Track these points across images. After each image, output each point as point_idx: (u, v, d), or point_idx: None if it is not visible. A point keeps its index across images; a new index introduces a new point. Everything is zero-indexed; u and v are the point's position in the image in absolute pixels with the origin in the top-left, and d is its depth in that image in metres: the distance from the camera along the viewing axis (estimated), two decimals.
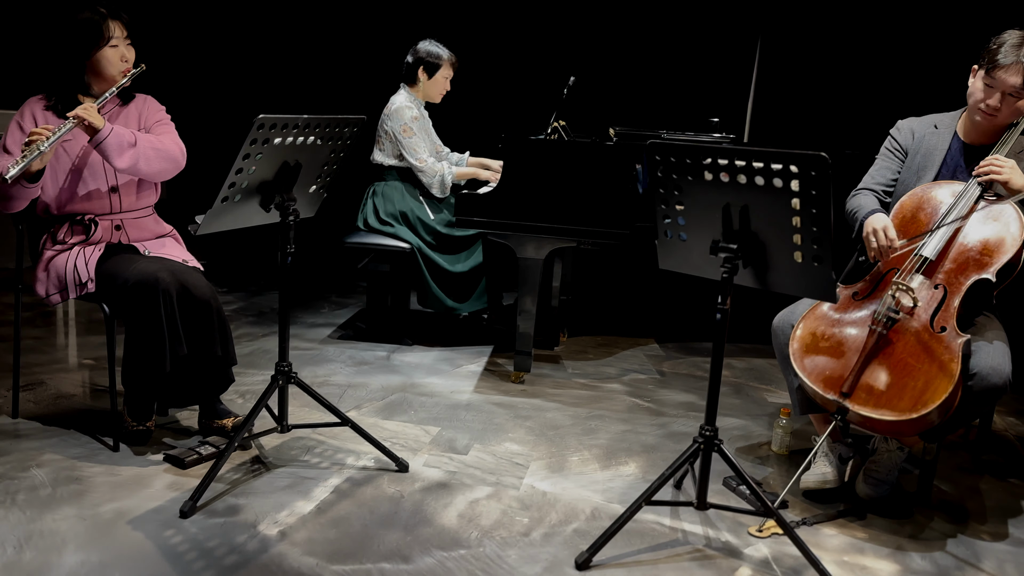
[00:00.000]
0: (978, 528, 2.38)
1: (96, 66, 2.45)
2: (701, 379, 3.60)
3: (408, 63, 3.69)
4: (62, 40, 2.43)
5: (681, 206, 2.09)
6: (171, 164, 2.49)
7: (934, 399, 2.14)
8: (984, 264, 2.29)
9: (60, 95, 2.46)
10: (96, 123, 2.32)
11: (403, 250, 3.63)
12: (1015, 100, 2.32)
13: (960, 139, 2.51)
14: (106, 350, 3.04)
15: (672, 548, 2.14)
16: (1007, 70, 2.29)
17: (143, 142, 2.41)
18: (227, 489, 2.29)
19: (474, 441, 2.74)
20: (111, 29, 2.43)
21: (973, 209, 2.35)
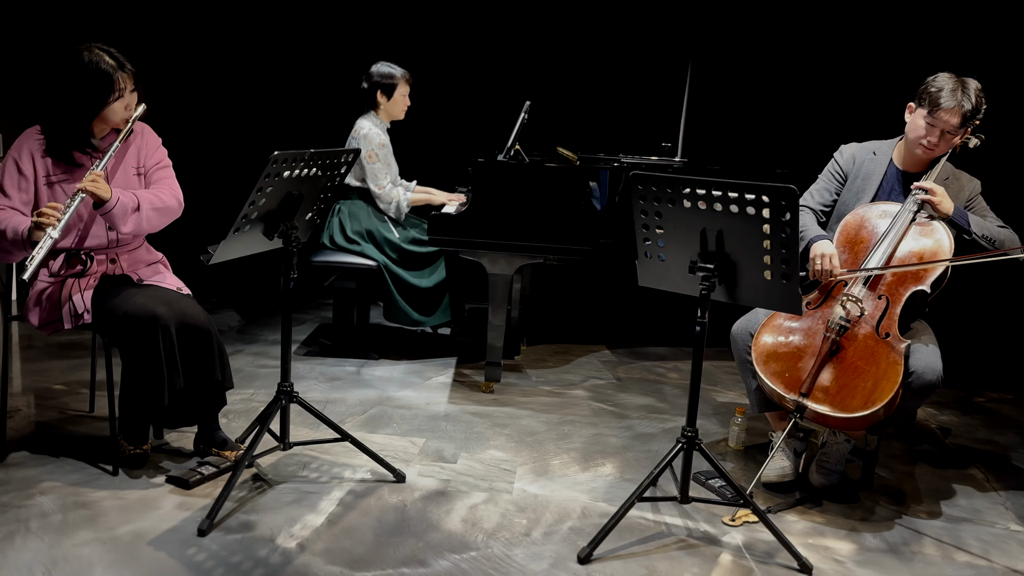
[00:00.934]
0: (916, 508, 2.68)
1: (101, 115, 2.45)
2: (654, 383, 3.85)
3: (364, 89, 3.81)
4: (70, 89, 2.39)
5: (661, 230, 2.30)
6: (170, 218, 2.56)
7: (882, 397, 2.43)
8: (921, 277, 2.60)
9: (61, 141, 2.45)
10: (103, 195, 2.35)
11: (369, 267, 3.75)
12: (952, 137, 2.65)
13: (896, 166, 2.82)
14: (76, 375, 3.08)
15: (659, 540, 2.36)
16: (949, 112, 2.60)
17: (145, 204, 2.46)
18: (236, 507, 2.38)
19: (460, 450, 2.90)
20: (121, 83, 2.43)
21: (908, 228, 2.66)
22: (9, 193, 2.43)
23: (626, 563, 2.22)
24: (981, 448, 3.28)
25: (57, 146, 2.45)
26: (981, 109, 2.62)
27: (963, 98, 2.58)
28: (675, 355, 4.36)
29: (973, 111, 2.60)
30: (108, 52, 2.43)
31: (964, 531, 2.54)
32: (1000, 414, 3.72)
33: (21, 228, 2.35)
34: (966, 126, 2.63)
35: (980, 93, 2.62)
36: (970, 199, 2.77)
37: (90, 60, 2.39)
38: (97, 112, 2.43)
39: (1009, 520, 2.64)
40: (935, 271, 2.60)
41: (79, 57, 2.40)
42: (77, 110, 2.42)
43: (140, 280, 2.61)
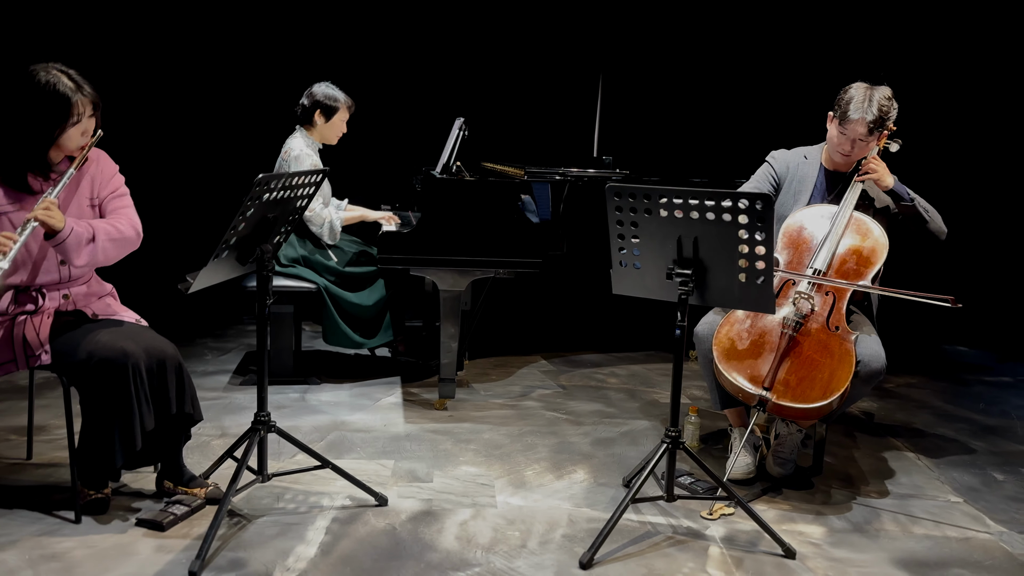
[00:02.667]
0: (867, 489, 2.88)
1: (57, 142, 2.29)
2: (598, 388, 3.95)
3: (304, 105, 3.73)
4: (24, 112, 2.23)
5: (636, 239, 2.39)
6: (127, 248, 2.42)
7: (839, 387, 2.60)
8: (861, 273, 2.80)
9: (13, 168, 2.29)
10: (56, 225, 2.20)
11: (308, 290, 3.67)
12: (864, 143, 2.87)
13: (824, 167, 3.04)
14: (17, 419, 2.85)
15: (648, 539, 2.43)
16: (856, 123, 2.82)
17: (100, 235, 2.31)
18: (220, 545, 2.28)
19: (433, 469, 2.89)
20: (79, 107, 2.27)
21: (847, 227, 2.86)
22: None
23: (625, 564, 2.28)
24: (903, 429, 3.55)
25: (9, 173, 2.28)
26: (890, 116, 2.85)
27: (867, 109, 2.80)
28: (608, 361, 4.48)
29: (879, 120, 2.82)
30: (66, 73, 2.28)
31: (913, 506, 2.75)
32: (911, 397, 4.03)
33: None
34: (875, 133, 2.85)
35: (889, 100, 2.85)
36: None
37: (47, 81, 2.24)
38: (54, 137, 2.27)
39: (948, 493, 2.88)
40: (873, 267, 2.81)
41: (35, 77, 2.24)
42: (31, 135, 2.26)
43: (95, 315, 2.46)
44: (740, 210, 2.20)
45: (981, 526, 2.62)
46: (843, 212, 2.87)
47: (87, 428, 2.34)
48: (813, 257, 2.83)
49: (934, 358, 4.78)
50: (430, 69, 5.43)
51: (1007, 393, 4.14)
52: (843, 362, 2.64)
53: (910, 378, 4.34)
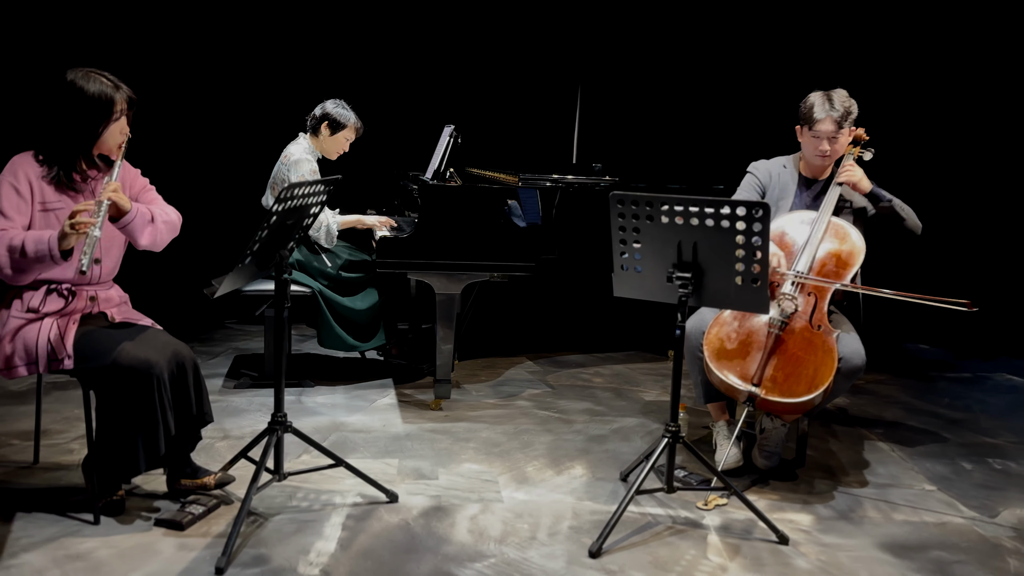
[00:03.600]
0: (847, 479, 3.05)
1: (100, 138, 2.40)
2: (584, 387, 4.08)
3: (315, 116, 3.81)
4: (71, 111, 2.36)
5: (638, 244, 2.52)
6: (174, 232, 2.55)
7: (823, 382, 2.76)
8: (840, 275, 2.97)
9: (63, 164, 2.38)
10: (125, 205, 2.32)
11: (303, 294, 3.73)
12: (839, 139, 3.05)
13: (801, 175, 3.21)
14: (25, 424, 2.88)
15: (650, 529, 2.56)
16: (822, 123, 3.01)
17: (157, 217, 2.44)
18: (241, 543, 2.35)
19: (437, 467, 2.98)
20: (119, 103, 2.40)
21: (826, 231, 3.02)
22: (10, 215, 2.33)
23: (631, 553, 2.40)
24: (876, 423, 3.74)
25: (59, 171, 2.39)
26: (853, 110, 3.04)
27: (831, 108, 3.00)
28: (591, 361, 4.61)
29: (844, 114, 3.01)
30: (103, 75, 2.42)
31: (892, 495, 2.92)
32: (879, 394, 4.23)
33: (46, 237, 2.24)
34: (845, 127, 3.03)
35: (847, 98, 3.04)
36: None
37: (89, 82, 2.37)
38: (99, 133, 2.39)
39: (923, 482, 3.06)
40: (852, 269, 2.97)
41: (77, 80, 2.36)
42: (78, 133, 2.38)
43: (114, 318, 2.51)
44: (738, 217, 2.34)
45: (955, 512, 2.80)
46: (822, 217, 3.03)
47: (106, 433, 2.38)
48: (796, 260, 2.99)
49: (898, 356, 5.01)
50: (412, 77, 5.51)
51: (968, 388, 4.37)
52: (826, 358, 2.79)
53: (878, 375, 4.55)
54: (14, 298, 2.41)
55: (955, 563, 2.44)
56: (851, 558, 2.44)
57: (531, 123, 5.55)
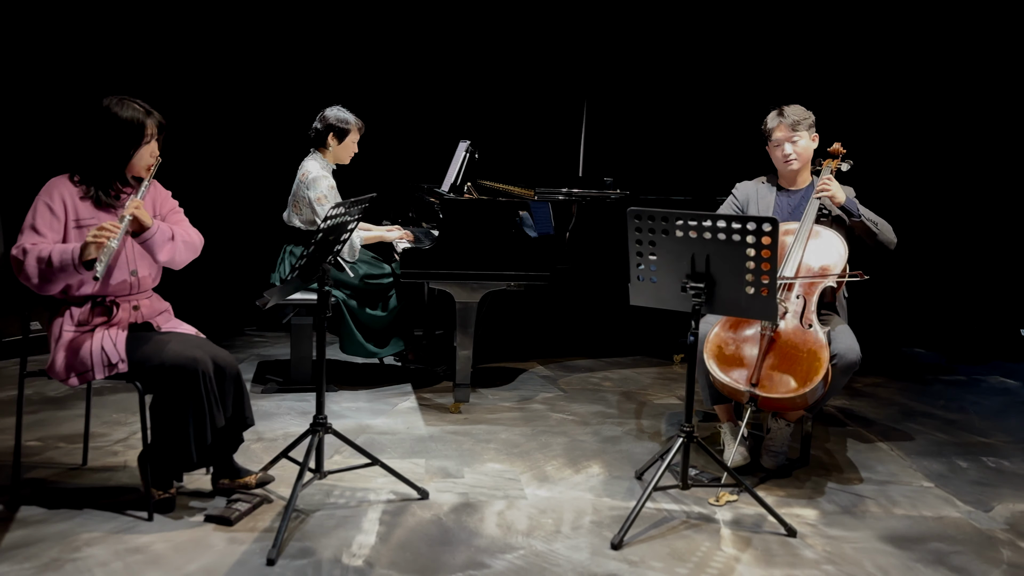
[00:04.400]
0: (849, 477, 3.23)
1: (131, 161, 2.59)
2: (595, 391, 4.25)
3: (317, 129, 3.96)
4: (104, 135, 2.54)
5: (654, 256, 2.70)
6: (194, 253, 2.70)
7: (817, 375, 2.92)
8: (825, 276, 3.15)
9: (99, 185, 2.56)
10: (146, 222, 2.49)
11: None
12: (796, 141, 3.29)
13: (780, 186, 3.42)
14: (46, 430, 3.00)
15: (666, 524, 2.73)
16: (776, 130, 3.31)
17: (178, 236, 2.61)
18: (286, 537, 2.52)
19: (462, 466, 3.15)
20: (150, 128, 2.58)
21: (808, 239, 3.20)
22: (43, 232, 2.49)
23: (650, 545, 2.58)
24: (875, 424, 3.92)
25: (94, 191, 2.56)
26: (806, 116, 3.30)
27: (781, 117, 3.29)
28: (600, 366, 4.79)
29: (796, 120, 3.28)
30: (136, 101, 2.60)
31: (891, 491, 3.10)
32: (877, 396, 4.41)
33: (70, 249, 2.41)
34: (800, 130, 3.28)
35: (800, 108, 3.32)
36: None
37: (122, 109, 2.56)
38: (131, 155, 2.57)
39: (920, 479, 3.24)
40: (837, 269, 3.15)
41: (111, 107, 2.55)
42: (111, 156, 2.56)
43: (159, 327, 2.68)
44: (748, 231, 2.52)
45: (952, 507, 2.98)
46: (804, 226, 3.22)
47: (160, 428, 2.55)
48: (782, 267, 3.17)
49: (895, 360, 5.19)
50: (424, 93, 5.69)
51: (962, 390, 4.55)
52: (818, 353, 2.96)
53: (876, 378, 4.73)
54: (65, 313, 2.58)
55: (952, 553, 2.61)
56: (855, 549, 2.61)
57: (539, 137, 5.73)
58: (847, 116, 5.29)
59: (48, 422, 3.49)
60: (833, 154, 3.38)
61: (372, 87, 5.58)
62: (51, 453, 3.14)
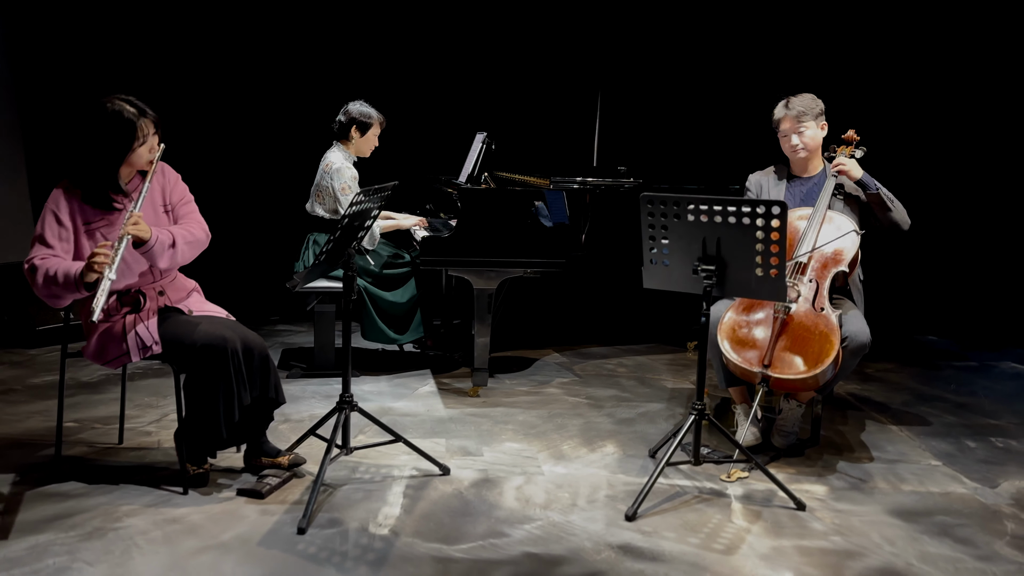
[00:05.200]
0: (859, 456, 3.31)
1: (128, 160, 2.63)
2: (610, 376, 4.35)
3: (341, 122, 4.09)
4: (96, 138, 2.57)
5: (666, 240, 2.79)
6: (200, 249, 2.77)
7: (827, 357, 3.01)
8: (838, 261, 3.23)
9: (93, 187, 2.61)
10: (144, 236, 2.54)
11: None
12: (802, 132, 3.37)
13: (791, 174, 3.50)
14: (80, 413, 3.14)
15: (679, 498, 2.83)
16: (783, 121, 3.39)
17: (179, 239, 2.65)
18: (315, 508, 2.64)
19: (481, 445, 3.26)
20: (144, 128, 2.61)
21: (823, 223, 3.28)
22: (51, 243, 2.56)
23: (663, 517, 2.68)
24: (885, 407, 3.99)
25: (91, 194, 2.61)
26: (813, 106, 3.36)
27: (788, 107, 3.37)
28: (614, 353, 4.88)
29: (804, 109, 3.34)
30: (129, 101, 2.62)
31: (900, 469, 3.18)
32: (888, 381, 4.48)
33: (73, 271, 2.48)
34: (806, 120, 3.34)
35: (809, 97, 3.37)
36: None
37: (113, 110, 2.58)
38: (123, 158, 2.61)
39: (929, 458, 3.32)
40: (850, 253, 3.23)
41: (103, 109, 2.58)
42: (104, 158, 2.59)
43: (190, 311, 2.81)
44: (758, 215, 2.61)
45: (958, 484, 3.06)
46: (818, 211, 3.30)
47: (193, 405, 2.67)
48: (796, 250, 3.25)
49: (908, 346, 5.25)
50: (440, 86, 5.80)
51: (974, 376, 4.61)
52: (829, 336, 3.05)
53: (888, 364, 4.80)
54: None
55: (957, 526, 2.70)
56: (863, 522, 2.70)
57: (553, 128, 5.82)
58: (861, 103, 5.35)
59: (83, 405, 3.63)
60: (847, 141, 3.45)
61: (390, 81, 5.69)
62: (88, 433, 3.28)
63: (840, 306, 3.27)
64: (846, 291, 3.42)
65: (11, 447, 3.13)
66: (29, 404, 3.65)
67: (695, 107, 5.89)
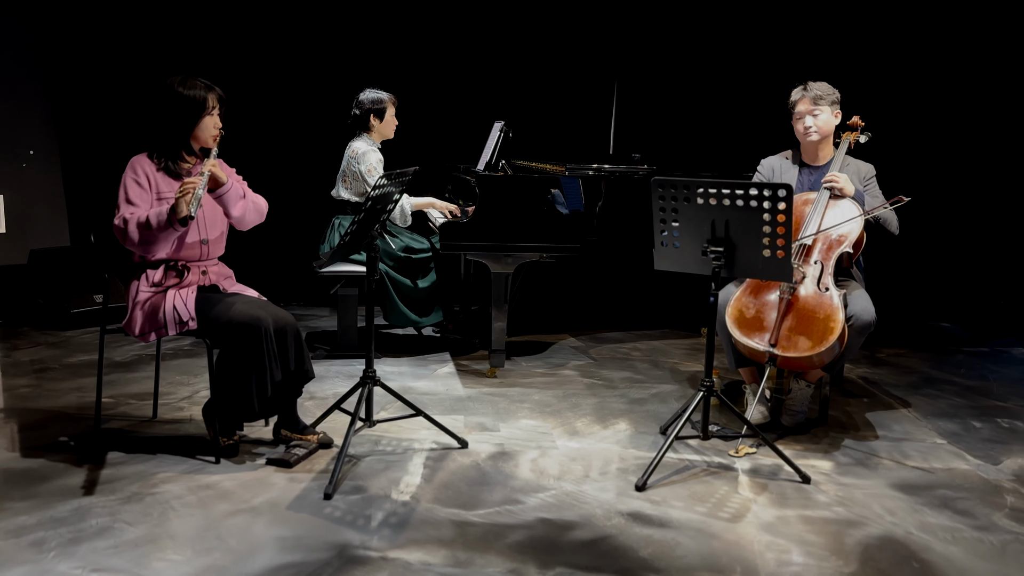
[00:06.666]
0: (865, 434, 3.40)
1: (195, 131, 2.85)
2: (624, 359, 4.46)
3: (357, 115, 4.24)
4: (171, 109, 2.81)
5: (676, 223, 2.90)
6: (260, 218, 2.99)
7: (832, 335, 3.09)
8: (842, 242, 3.32)
9: (169, 156, 2.85)
10: (222, 178, 2.78)
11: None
12: (816, 115, 3.44)
13: (803, 161, 3.58)
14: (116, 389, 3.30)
15: (688, 471, 2.95)
16: (800, 103, 3.46)
17: (248, 195, 2.89)
18: (340, 477, 2.78)
19: (498, 421, 3.39)
20: (211, 101, 2.85)
21: (827, 207, 3.37)
22: (136, 202, 2.78)
23: (672, 488, 2.79)
24: (894, 389, 4.07)
25: (163, 162, 2.84)
26: (829, 93, 3.43)
27: (805, 91, 3.44)
28: (630, 338, 4.99)
29: (819, 95, 3.41)
30: (197, 78, 2.87)
31: (905, 447, 3.27)
32: (899, 365, 4.56)
33: (163, 210, 2.68)
34: (822, 104, 3.41)
35: (825, 85, 3.44)
36: (867, 180, 3.54)
37: (185, 84, 2.83)
38: (194, 125, 2.84)
39: (934, 436, 3.40)
40: (854, 236, 3.32)
41: (174, 84, 2.83)
42: (178, 127, 2.83)
43: (225, 290, 2.95)
44: (765, 198, 2.71)
45: (962, 460, 3.14)
46: (823, 195, 3.39)
47: (224, 382, 2.82)
48: (801, 232, 3.34)
49: (920, 332, 5.32)
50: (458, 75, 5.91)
51: (985, 360, 4.68)
52: (833, 314, 3.13)
53: (899, 349, 4.87)
54: (141, 276, 2.86)
55: (958, 499, 2.79)
56: (865, 495, 2.80)
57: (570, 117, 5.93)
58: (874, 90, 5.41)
59: (118, 382, 3.80)
60: (853, 127, 3.54)
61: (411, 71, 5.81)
62: (124, 408, 3.44)
63: (845, 287, 3.36)
64: (849, 273, 3.51)
65: (51, 420, 3.29)
66: (66, 381, 3.82)
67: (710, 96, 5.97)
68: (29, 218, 5.22)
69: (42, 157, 5.31)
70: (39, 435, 3.13)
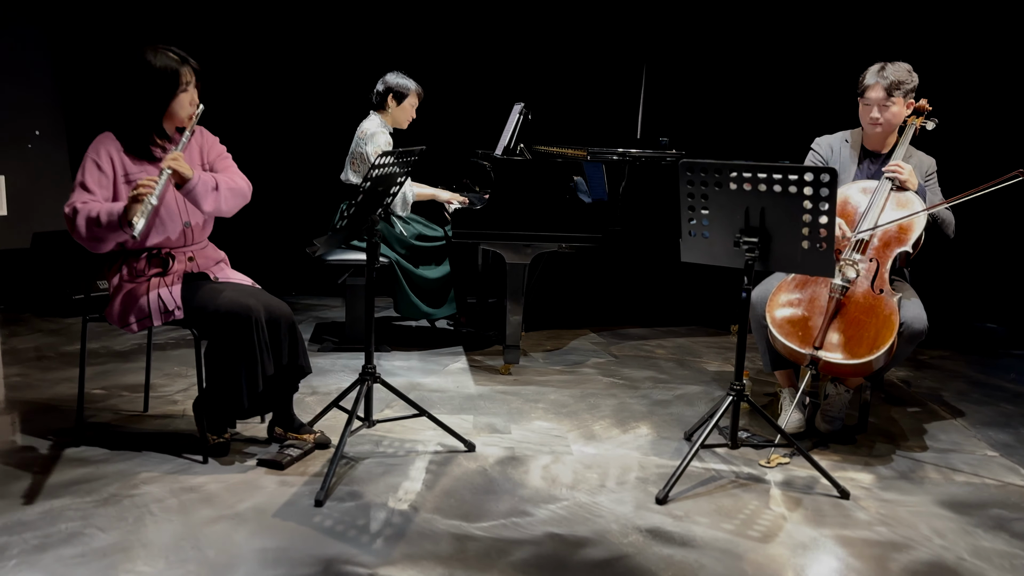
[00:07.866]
0: (908, 444, 3.13)
1: (169, 109, 2.60)
2: (647, 358, 4.21)
3: (378, 91, 4.02)
4: (139, 86, 2.55)
5: (706, 210, 2.64)
6: (243, 200, 2.72)
7: (883, 343, 2.83)
8: (903, 240, 3.04)
9: (137, 137, 2.59)
10: (186, 173, 2.51)
11: (381, 264, 3.94)
12: (887, 107, 3.12)
13: (863, 147, 3.28)
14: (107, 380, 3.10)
15: (714, 483, 2.69)
16: (872, 89, 3.11)
17: (222, 184, 2.62)
18: (335, 481, 2.56)
19: (509, 423, 3.16)
20: (185, 75, 2.59)
21: (887, 199, 3.09)
22: (92, 189, 2.53)
23: (696, 502, 2.54)
24: (939, 395, 3.78)
25: (134, 143, 2.58)
26: (907, 81, 3.10)
27: (881, 75, 3.09)
28: (653, 334, 4.73)
29: (896, 82, 3.07)
30: (170, 50, 2.60)
31: (953, 458, 2.99)
32: (944, 368, 4.26)
33: (116, 209, 2.44)
34: (896, 95, 3.09)
35: (904, 70, 3.11)
36: (928, 175, 3.25)
37: (156, 57, 2.56)
38: (167, 104, 2.58)
39: (985, 448, 3.12)
40: (915, 233, 3.04)
41: (145, 56, 2.56)
42: (148, 104, 2.57)
43: (216, 278, 2.74)
44: (806, 183, 2.44)
45: (1016, 476, 2.86)
46: (883, 186, 3.10)
47: (214, 376, 2.61)
48: (858, 225, 3.07)
49: (965, 334, 5.00)
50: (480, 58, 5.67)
51: None
52: (887, 322, 2.86)
53: (944, 351, 4.57)
54: (122, 266, 2.64)
55: (1014, 520, 2.51)
56: (910, 512, 2.53)
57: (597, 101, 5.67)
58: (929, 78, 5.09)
59: (113, 373, 3.62)
60: (919, 111, 3.23)
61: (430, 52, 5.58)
62: (114, 400, 3.26)
63: (901, 290, 3.08)
64: (903, 273, 3.23)
65: (38, 412, 3.12)
66: (60, 371, 3.65)
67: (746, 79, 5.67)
68: (33, 200, 5.07)
69: (47, 140, 5.15)
70: (21, 428, 2.95)
